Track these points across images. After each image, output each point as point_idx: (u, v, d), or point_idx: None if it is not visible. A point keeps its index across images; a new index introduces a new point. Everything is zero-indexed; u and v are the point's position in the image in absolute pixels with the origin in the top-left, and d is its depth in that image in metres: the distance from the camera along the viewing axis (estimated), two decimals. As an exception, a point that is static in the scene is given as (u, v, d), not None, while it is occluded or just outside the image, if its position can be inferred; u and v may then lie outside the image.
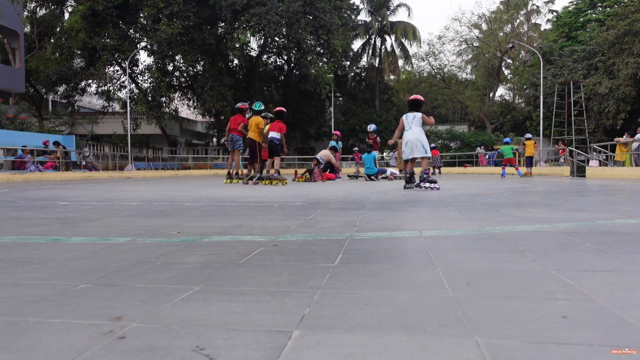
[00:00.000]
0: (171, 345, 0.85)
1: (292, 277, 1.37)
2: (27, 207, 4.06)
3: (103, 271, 1.48)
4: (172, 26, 22.12)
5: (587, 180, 11.58)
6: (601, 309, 1.06)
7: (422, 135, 6.52)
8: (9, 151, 16.07)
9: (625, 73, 22.65)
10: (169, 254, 1.77)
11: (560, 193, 5.65)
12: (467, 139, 30.21)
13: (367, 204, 4.12)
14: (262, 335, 0.91)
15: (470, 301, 1.12)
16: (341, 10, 28.09)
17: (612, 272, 1.42)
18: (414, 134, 6.51)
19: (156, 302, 1.13)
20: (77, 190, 7.01)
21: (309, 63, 25.21)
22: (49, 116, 28.26)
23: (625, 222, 2.63)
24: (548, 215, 3.07)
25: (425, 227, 2.47)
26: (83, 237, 2.20)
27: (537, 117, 23.71)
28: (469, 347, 0.84)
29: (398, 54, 35.83)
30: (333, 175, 12.32)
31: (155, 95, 25.62)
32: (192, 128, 38.25)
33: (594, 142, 21.10)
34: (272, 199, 4.85)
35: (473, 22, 36.51)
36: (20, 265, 1.58)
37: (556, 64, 27.28)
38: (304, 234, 2.24)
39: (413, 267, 1.51)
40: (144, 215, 3.26)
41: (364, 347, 0.84)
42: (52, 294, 1.22)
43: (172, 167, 25.44)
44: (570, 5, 32.23)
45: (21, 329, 0.96)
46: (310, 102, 31.06)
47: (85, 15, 23.37)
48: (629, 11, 22.91)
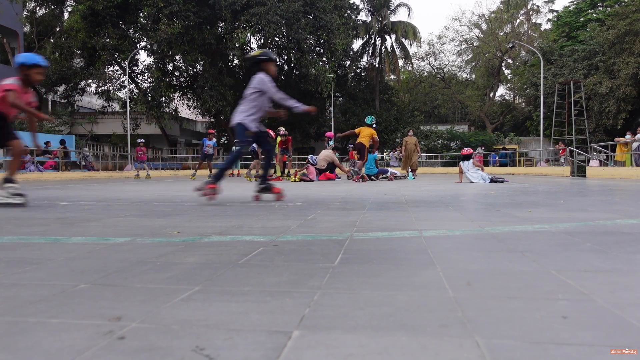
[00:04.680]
0: (171, 345, 0.85)
1: (292, 277, 1.37)
2: (27, 207, 4.06)
3: (103, 271, 1.48)
4: (172, 26, 22.11)
5: (587, 180, 11.58)
6: (601, 309, 1.06)
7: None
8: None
9: (626, 73, 22.65)
10: (169, 254, 1.77)
11: (560, 193, 5.65)
12: (467, 139, 30.21)
13: (367, 204, 4.11)
14: (262, 335, 0.90)
15: (471, 301, 1.12)
16: (341, 9, 28.09)
17: (612, 272, 1.42)
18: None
19: (156, 302, 1.13)
20: (77, 190, 7.01)
21: (309, 63, 25.20)
22: (49, 116, 28.25)
23: (626, 222, 2.63)
24: (548, 215, 3.07)
25: (425, 227, 2.47)
26: (83, 237, 2.20)
27: (537, 117, 23.72)
28: (469, 347, 0.83)
29: (398, 53, 35.84)
30: (333, 175, 12.31)
31: (155, 95, 25.61)
32: (192, 128, 38.26)
33: (595, 142, 21.10)
34: (272, 199, 4.85)
35: (473, 21, 36.55)
36: (20, 265, 1.58)
37: (556, 64, 27.28)
38: (304, 234, 2.23)
39: (413, 267, 1.51)
40: (144, 215, 3.26)
41: (364, 347, 0.84)
42: (52, 294, 1.22)
43: (172, 167, 25.44)
44: (570, 5, 32.23)
45: (21, 329, 0.95)
46: (310, 102, 30.91)
47: (85, 15, 23.37)
48: (629, 11, 22.91)
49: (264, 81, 4.23)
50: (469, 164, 9.61)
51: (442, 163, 27.68)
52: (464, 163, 9.67)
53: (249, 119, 4.29)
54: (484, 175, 9.38)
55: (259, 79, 4.25)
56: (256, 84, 4.26)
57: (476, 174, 9.40)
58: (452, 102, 38.07)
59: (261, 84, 4.23)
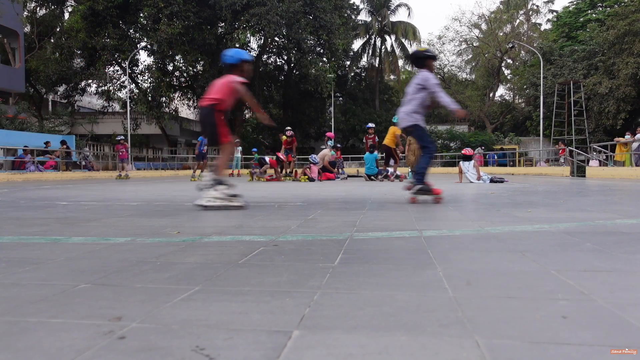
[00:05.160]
0: (171, 345, 0.85)
1: (292, 277, 1.37)
2: (27, 207, 4.06)
3: (103, 271, 1.48)
4: (172, 26, 22.13)
5: (587, 180, 11.58)
6: (601, 309, 1.06)
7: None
8: (9, 151, 16.06)
9: (626, 73, 22.65)
10: (169, 254, 1.77)
11: (560, 193, 5.65)
12: (467, 139, 30.21)
13: (367, 204, 4.11)
14: (262, 335, 0.90)
15: (471, 301, 1.12)
16: (341, 9, 28.10)
17: (612, 272, 1.42)
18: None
19: (156, 302, 1.13)
20: (77, 190, 7.01)
21: (309, 63, 25.22)
22: (49, 116, 28.26)
23: (626, 222, 2.63)
24: (548, 215, 3.07)
25: (425, 227, 2.47)
26: (83, 237, 2.20)
27: (537, 117, 23.73)
28: (469, 347, 0.83)
29: (398, 54, 35.85)
30: (333, 175, 12.32)
31: (155, 95, 25.62)
32: (192, 128, 38.25)
33: (594, 142, 21.11)
34: (272, 199, 4.85)
35: (473, 22, 36.54)
36: (20, 265, 1.58)
37: (556, 64, 27.28)
38: (304, 234, 2.23)
39: (413, 267, 1.51)
40: (144, 215, 3.26)
41: (364, 347, 0.84)
42: (52, 294, 1.22)
43: (172, 167, 25.44)
44: (570, 5, 32.24)
45: (21, 329, 0.95)
46: (310, 102, 31.06)
47: (85, 15, 23.39)
48: (629, 11, 22.92)
49: (428, 78, 4.25)
50: (469, 164, 9.61)
51: (442, 163, 27.68)
52: (464, 163, 9.66)
53: (420, 117, 4.32)
54: (483, 176, 9.38)
55: (423, 76, 4.28)
56: (420, 80, 4.27)
57: (475, 175, 9.41)
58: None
59: (425, 81, 4.24)
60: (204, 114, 3.81)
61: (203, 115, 3.85)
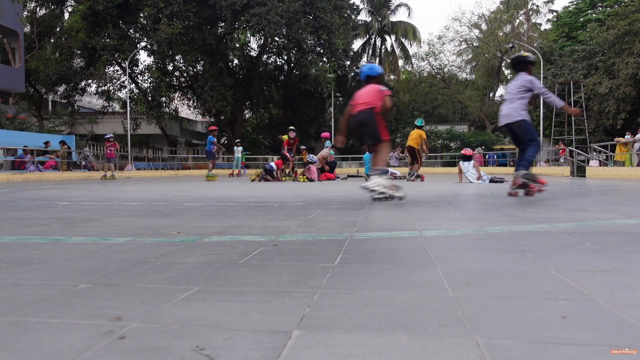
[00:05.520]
0: (171, 345, 0.85)
1: (292, 277, 1.37)
2: (27, 207, 4.06)
3: (103, 271, 1.48)
4: (172, 26, 22.13)
5: (587, 180, 11.58)
6: (601, 309, 1.06)
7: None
8: (9, 151, 16.06)
9: (626, 73, 22.63)
10: (169, 254, 1.77)
11: (560, 193, 5.65)
12: (467, 139, 30.22)
13: (367, 204, 4.12)
14: (262, 335, 0.90)
15: (471, 301, 1.12)
16: (341, 9, 28.10)
17: (612, 272, 1.42)
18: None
19: (156, 302, 1.13)
20: (77, 190, 7.01)
21: (309, 63, 25.22)
22: (49, 116, 28.27)
23: (626, 222, 2.63)
24: (548, 215, 3.07)
25: (425, 227, 2.47)
26: (83, 237, 2.20)
27: (537, 117, 23.68)
28: (469, 347, 0.84)
29: (398, 54, 35.88)
30: (333, 175, 12.33)
31: (155, 95, 25.62)
32: (192, 128, 38.28)
33: (594, 142, 21.09)
34: (272, 199, 4.85)
35: (473, 22, 36.51)
36: (20, 265, 1.58)
37: (556, 64, 27.27)
38: (304, 234, 2.23)
39: (413, 267, 1.51)
40: (144, 215, 3.26)
41: (364, 347, 0.84)
42: (52, 294, 1.22)
43: (172, 167, 25.44)
44: (570, 5, 32.21)
45: (21, 329, 0.95)
46: (310, 102, 31.05)
47: (85, 15, 23.38)
48: (629, 11, 22.90)
49: (533, 81, 4.79)
50: (469, 164, 9.61)
51: (442, 163, 27.69)
52: (464, 163, 9.67)
53: (526, 114, 4.80)
54: (483, 177, 9.39)
55: (528, 78, 4.80)
56: (526, 82, 4.78)
57: (475, 175, 9.41)
58: (452, 102, 38.04)
59: (531, 83, 4.77)
60: (365, 117, 4.32)
61: (364, 118, 4.34)
